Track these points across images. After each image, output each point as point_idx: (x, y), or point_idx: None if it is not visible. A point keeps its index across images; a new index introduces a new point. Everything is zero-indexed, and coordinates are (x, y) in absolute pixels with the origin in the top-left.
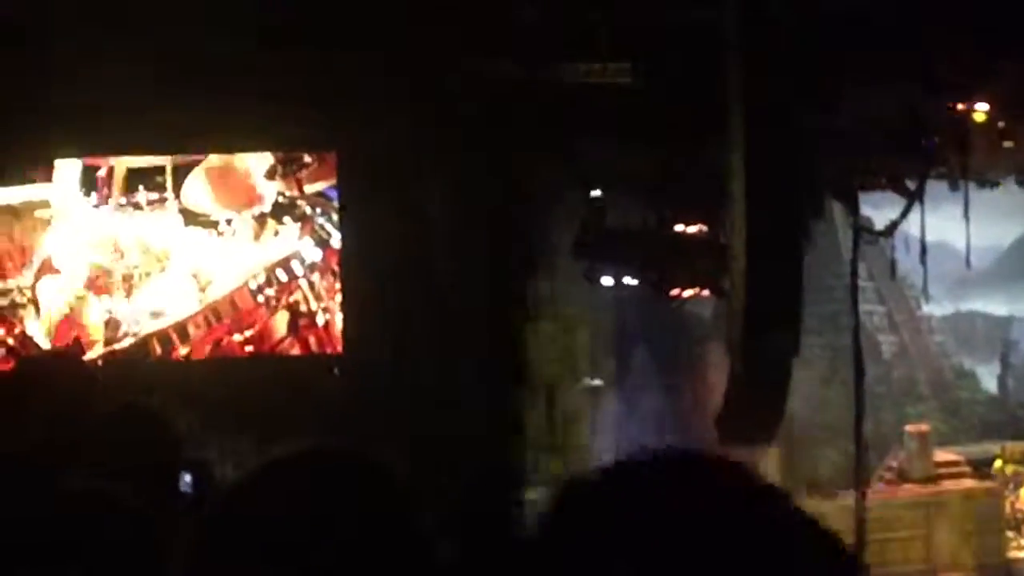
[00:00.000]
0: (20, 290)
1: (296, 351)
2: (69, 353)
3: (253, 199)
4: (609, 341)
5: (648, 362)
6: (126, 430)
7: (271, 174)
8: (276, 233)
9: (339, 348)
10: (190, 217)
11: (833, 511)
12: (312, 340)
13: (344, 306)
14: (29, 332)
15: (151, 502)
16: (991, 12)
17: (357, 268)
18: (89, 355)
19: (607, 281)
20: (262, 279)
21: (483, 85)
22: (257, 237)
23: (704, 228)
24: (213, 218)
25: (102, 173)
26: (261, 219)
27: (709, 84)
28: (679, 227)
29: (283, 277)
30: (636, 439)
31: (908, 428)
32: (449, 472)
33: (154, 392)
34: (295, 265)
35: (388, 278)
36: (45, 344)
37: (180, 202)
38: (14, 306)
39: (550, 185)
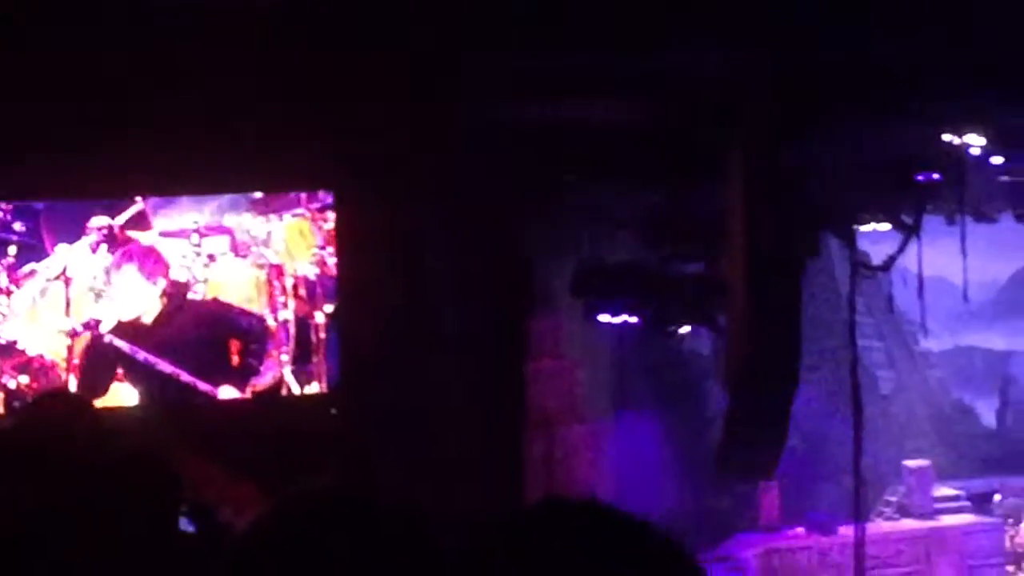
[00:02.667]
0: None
1: (294, 391)
2: (79, 398)
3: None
4: (608, 378)
5: (647, 398)
6: (131, 476)
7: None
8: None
9: (337, 388)
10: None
11: (833, 546)
12: (323, 389)
13: (342, 346)
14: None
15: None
16: (989, 47)
17: (355, 307)
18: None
19: (606, 318)
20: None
21: (483, 127)
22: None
23: (702, 265)
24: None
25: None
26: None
27: (707, 124)
28: (677, 264)
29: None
30: (635, 475)
31: (907, 463)
32: (447, 511)
33: (156, 435)
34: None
35: (386, 318)
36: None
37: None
38: None
39: (550, 224)
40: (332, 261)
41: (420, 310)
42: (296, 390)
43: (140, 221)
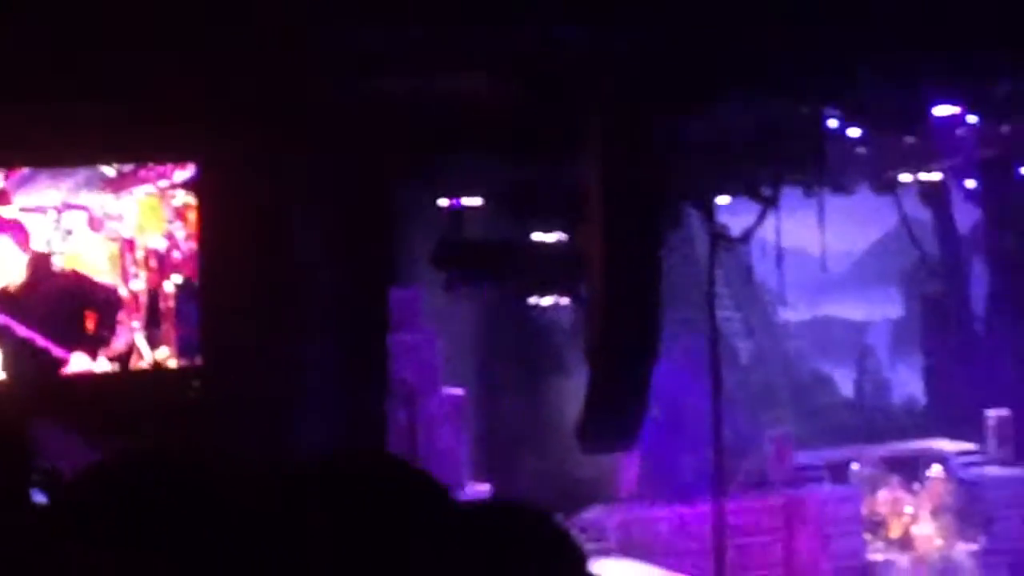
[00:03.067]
0: None
1: (145, 355)
2: None
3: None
4: (470, 349)
5: (510, 370)
6: None
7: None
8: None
9: (199, 361)
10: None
11: (692, 516)
12: (172, 353)
13: (204, 320)
14: None
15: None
16: (847, 22)
17: (217, 280)
18: None
19: (467, 290)
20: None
21: (343, 98)
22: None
23: (562, 237)
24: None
25: None
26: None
27: (568, 98)
28: (537, 236)
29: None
30: (497, 446)
31: (767, 433)
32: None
33: (14, 406)
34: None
35: (248, 290)
36: None
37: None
38: None
39: (410, 196)
40: (181, 235)
41: (282, 282)
42: (147, 354)
43: (0, 198)
